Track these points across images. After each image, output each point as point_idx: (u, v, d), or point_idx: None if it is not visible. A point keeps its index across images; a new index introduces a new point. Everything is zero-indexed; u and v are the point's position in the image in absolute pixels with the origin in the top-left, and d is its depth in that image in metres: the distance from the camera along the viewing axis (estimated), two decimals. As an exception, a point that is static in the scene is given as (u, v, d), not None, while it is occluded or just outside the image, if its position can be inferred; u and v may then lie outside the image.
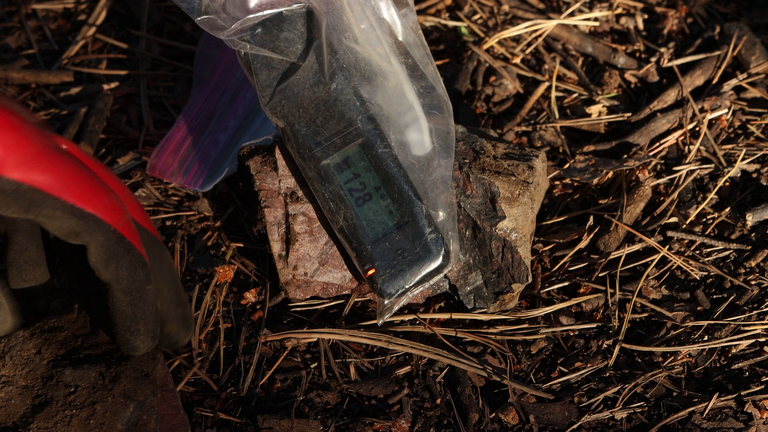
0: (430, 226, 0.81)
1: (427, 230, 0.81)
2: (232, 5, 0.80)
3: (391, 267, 0.81)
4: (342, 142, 0.82)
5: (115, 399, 0.73)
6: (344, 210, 0.82)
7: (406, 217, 0.82)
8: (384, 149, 0.82)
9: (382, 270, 0.81)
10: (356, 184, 0.82)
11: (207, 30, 0.80)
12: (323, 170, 0.82)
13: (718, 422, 0.77)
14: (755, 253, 0.87)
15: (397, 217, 0.82)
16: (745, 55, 0.99)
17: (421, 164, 0.82)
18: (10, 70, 1.05)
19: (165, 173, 0.94)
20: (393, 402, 0.80)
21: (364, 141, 0.82)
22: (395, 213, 0.82)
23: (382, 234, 0.82)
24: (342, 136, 0.82)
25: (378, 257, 0.81)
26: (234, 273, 0.89)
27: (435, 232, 0.81)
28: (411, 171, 0.82)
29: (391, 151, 0.82)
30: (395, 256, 0.81)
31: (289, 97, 0.82)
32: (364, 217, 0.82)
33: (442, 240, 0.81)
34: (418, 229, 0.81)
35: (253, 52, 0.81)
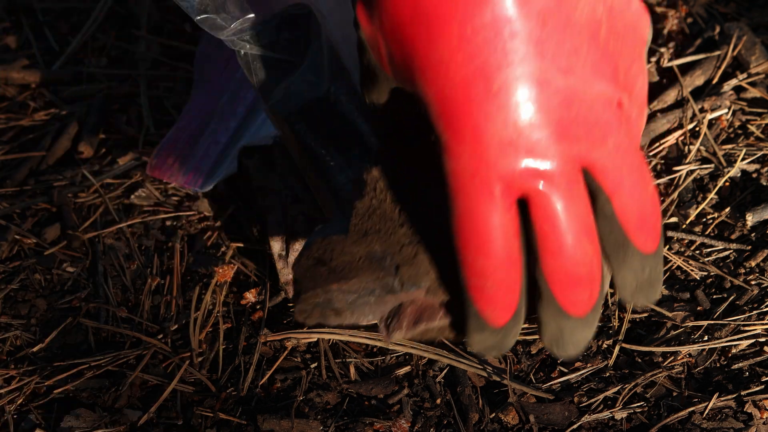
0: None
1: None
2: (232, 5, 0.80)
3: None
4: (343, 143, 0.82)
5: None
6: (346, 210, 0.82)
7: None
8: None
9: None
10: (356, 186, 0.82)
11: (206, 29, 0.80)
12: (324, 170, 0.82)
13: (718, 422, 0.77)
14: (755, 253, 0.86)
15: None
16: (745, 55, 0.99)
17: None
18: (10, 70, 1.05)
19: (165, 173, 0.94)
20: (393, 402, 0.80)
21: (365, 143, 0.82)
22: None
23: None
24: (344, 139, 0.82)
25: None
26: (234, 273, 0.89)
27: None
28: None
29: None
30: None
31: (289, 98, 0.82)
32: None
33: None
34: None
35: (252, 52, 0.81)
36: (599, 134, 0.63)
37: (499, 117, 0.61)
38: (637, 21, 0.65)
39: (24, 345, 0.86)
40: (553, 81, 0.61)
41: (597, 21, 0.62)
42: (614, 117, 0.63)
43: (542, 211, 0.63)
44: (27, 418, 0.81)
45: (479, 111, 0.61)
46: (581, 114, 0.62)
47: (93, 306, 0.88)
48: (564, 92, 0.61)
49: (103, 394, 0.82)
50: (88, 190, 0.96)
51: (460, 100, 0.61)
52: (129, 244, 0.92)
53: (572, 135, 0.62)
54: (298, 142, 0.82)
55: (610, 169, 0.64)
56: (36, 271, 0.90)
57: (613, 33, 0.63)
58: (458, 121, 0.62)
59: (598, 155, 0.63)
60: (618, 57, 0.64)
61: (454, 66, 0.61)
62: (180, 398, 0.82)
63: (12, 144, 1.01)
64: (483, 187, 0.63)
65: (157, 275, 0.90)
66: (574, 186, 0.63)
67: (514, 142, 0.62)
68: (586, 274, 0.65)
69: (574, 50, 0.61)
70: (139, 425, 0.80)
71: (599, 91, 0.63)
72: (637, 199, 0.65)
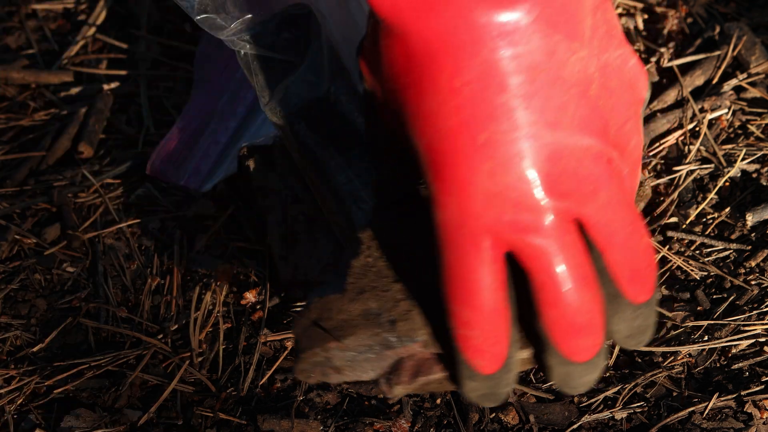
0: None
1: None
2: (231, 5, 0.80)
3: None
4: (343, 143, 0.82)
5: None
6: (346, 210, 0.82)
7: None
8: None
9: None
10: (358, 184, 0.82)
11: (206, 29, 0.80)
12: (324, 170, 0.82)
13: (718, 422, 0.77)
14: (755, 253, 0.86)
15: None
16: (745, 55, 0.99)
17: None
18: (10, 70, 1.05)
19: (165, 173, 0.94)
20: (393, 402, 0.80)
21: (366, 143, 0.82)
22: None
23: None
24: (344, 139, 0.82)
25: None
26: (234, 273, 0.89)
27: None
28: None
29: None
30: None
31: (289, 98, 0.82)
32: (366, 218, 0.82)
33: None
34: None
35: (252, 53, 0.81)
36: (589, 189, 0.63)
37: (484, 169, 0.61)
38: (634, 79, 0.65)
39: (24, 345, 0.86)
40: (540, 135, 0.61)
41: (588, 77, 0.62)
42: (605, 172, 0.63)
43: (535, 263, 0.64)
44: (27, 418, 0.81)
45: (465, 163, 0.62)
46: (569, 168, 0.62)
47: (93, 306, 0.88)
48: (551, 146, 0.61)
49: (103, 394, 0.82)
50: (88, 190, 0.96)
51: (447, 152, 0.62)
52: (129, 244, 0.92)
53: (560, 189, 0.62)
54: (298, 142, 0.82)
55: (601, 224, 0.64)
56: (36, 271, 0.90)
57: (606, 89, 0.63)
58: (445, 172, 0.62)
59: (588, 210, 0.63)
60: (609, 114, 0.64)
61: (443, 117, 0.61)
62: (180, 398, 0.82)
63: (12, 144, 1.01)
64: (470, 239, 0.63)
65: (157, 275, 0.90)
66: (566, 237, 0.63)
67: (501, 195, 0.62)
68: (587, 322, 0.65)
69: (562, 105, 0.62)
70: (139, 425, 0.80)
71: (587, 146, 0.63)
72: (630, 254, 0.66)
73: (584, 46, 0.62)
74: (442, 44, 0.61)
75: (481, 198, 0.62)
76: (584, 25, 0.62)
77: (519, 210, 0.62)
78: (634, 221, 0.65)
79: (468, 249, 0.64)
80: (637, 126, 0.66)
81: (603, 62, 0.63)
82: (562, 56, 0.61)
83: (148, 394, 0.82)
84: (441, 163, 0.62)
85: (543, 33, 0.61)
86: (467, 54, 0.61)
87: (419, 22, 0.61)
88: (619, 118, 0.64)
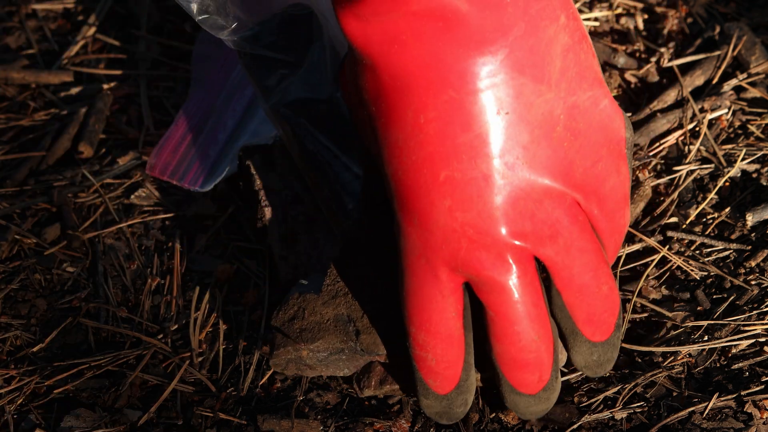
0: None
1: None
2: (232, 5, 0.80)
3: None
4: (346, 143, 0.82)
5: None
6: (348, 210, 0.82)
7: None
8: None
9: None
10: (359, 186, 0.82)
11: (207, 29, 0.80)
12: (326, 171, 0.82)
13: (718, 422, 0.77)
14: (755, 253, 0.86)
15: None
16: (745, 55, 0.99)
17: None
18: (10, 70, 1.05)
19: (165, 173, 0.94)
20: (393, 402, 0.80)
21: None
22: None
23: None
24: (345, 140, 0.82)
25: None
26: (234, 273, 0.89)
27: None
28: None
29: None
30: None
31: (290, 99, 0.81)
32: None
33: None
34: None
35: (253, 53, 0.81)
36: (547, 232, 0.64)
37: (444, 206, 0.62)
38: (606, 120, 0.65)
39: (24, 345, 0.86)
40: (500, 176, 0.62)
41: (554, 119, 0.63)
42: (565, 215, 0.64)
43: (489, 297, 0.65)
44: (27, 418, 0.81)
45: (426, 198, 0.63)
46: (527, 210, 0.63)
47: (93, 306, 0.88)
48: (510, 187, 0.62)
49: (103, 394, 0.82)
50: (88, 190, 0.96)
51: (410, 184, 0.63)
52: (129, 244, 0.92)
53: (518, 230, 0.63)
54: (299, 143, 0.82)
55: (560, 266, 0.65)
56: (36, 271, 0.90)
57: (571, 131, 0.64)
58: (408, 204, 0.64)
59: (547, 252, 0.64)
60: (575, 155, 0.64)
61: (407, 150, 0.63)
62: (180, 398, 0.82)
63: (12, 144, 1.01)
64: (429, 269, 0.65)
65: (157, 275, 0.90)
66: (520, 276, 0.64)
67: (458, 232, 0.63)
68: (533, 359, 0.67)
69: (525, 147, 0.62)
70: (139, 425, 0.80)
71: (547, 188, 0.63)
72: (588, 298, 0.67)
73: (551, 88, 0.62)
74: (410, 80, 0.62)
75: (440, 233, 0.63)
76: (552, 67, 0.62)
77: (476, 247, 0.63)
78: (596, 266, 0.66)
79: (427, 278, 0.65)
80: (616, 166, 0.66)
81: (570, 104, 0.63)
82: (527, 98, 0.62)
83: (148, 394, 0.82)
84: (404, 195, 0.63)
85: (509, 75, 0.61)
86: (433, 92, 0.61)
87: (389, 57, 0.61)
88: (587, 160, 0.64)
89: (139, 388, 0.83)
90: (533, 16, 0.61)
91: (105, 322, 0.87)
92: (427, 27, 0.60)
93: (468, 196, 0.62)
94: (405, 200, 0.64)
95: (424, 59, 0.61)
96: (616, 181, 0.66)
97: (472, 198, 0.62)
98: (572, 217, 0.64)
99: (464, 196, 0.62)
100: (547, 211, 0.63)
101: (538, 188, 0.63)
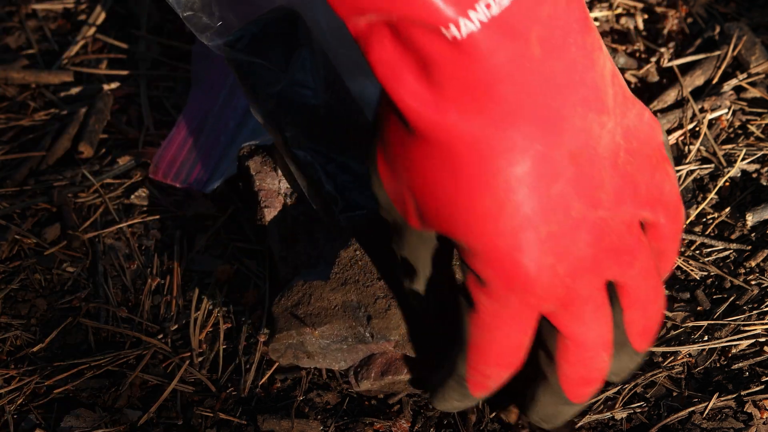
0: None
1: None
2: (217, 5, 0.80)
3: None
4: (338, 148, 0.82)
5: None
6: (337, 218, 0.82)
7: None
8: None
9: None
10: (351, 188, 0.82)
11: (192, 29, 0.80)
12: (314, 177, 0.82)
13: (718, 422, 0.77)
14: (755, 253, 0.86)
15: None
16: (745, 55, 0.99)
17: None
18: (10, 70, 1.05)
19: (168, 176, 0.94)
20: (393, 402, 0.80)
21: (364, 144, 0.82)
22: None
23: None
24: (338, 143, 0.82)
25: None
26: (234, 273, 0.89)
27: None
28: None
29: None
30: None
31: (280, 105, 0.81)
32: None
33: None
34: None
35: (237, 58, 0.80)
36: (627, 259, 0.65)
37: (546, 263, 0.63)
38: (650, 133, 0.67)
39: (24, 345, 0.86)
40: (589, 218, 0.63)
41: (616, 146, 0.64)
42: (638, 240, 0.65)
43: (566, 326, 0.66)
44: (27, 418, 0.81)
45: (528, 257, 0.63)
46: (612, 243, 0.64)
47: (93, 306, 0.88)
48: (597, 225, 0.63)
49: (103, 394, 0.82)
50: (88, 190, 0.96)
51: (508, 249, 0.63)
52: (129, 244, 0.92)
53: (605, 265, 0.64)
54: (287, 148, 0.81)
55: (632, 289, 0.67)
56: (36, 271, 0.90)
57: (630, 153, 0.65)
58: (505, 265, 0.63)
59: (624, 278, 0.66)
60: (637, 174, 0.65)
61: (503, 218, 0.62)
62: (180, 398, 0.82)
63: (12, 144, 1.01)
64: (516, 316, 0.65)
65: (157, 275, 0.90)
66: (600, 305, 0.66)
67: (559, 285, 0.64)
68: (599, 378, 0.69)
69: (600, 182, 0.63)
70: (139, 425, 0.80)
71: (624, 217, 0.64)
72: (647, 315, 0.69)
73: (611, 117, 0.63)
74: (494, 144, 0.61)
75: (540, 290, 0.63)
76: (608, 96, 0.63)
77: (570, 293, 0.64)
78: (657, 286, 0.68)
79: (513, 325, 0.66)
80: (665, 170, 0.67)
81: (625, 127, 0.64)
82: (596, 133, 0.62)
83: (148, 394, 0.82)
84: (500, 259, 0.63)
85: (580, 116, 0.62)
86: (520, 150, 0.61)
87: (464, 124, 0.60)
88: (646, 174, 0.65)
89: (139, 388, 0.83)
90: (589, 50, 0.62)
91: (105, 322, 0.87)
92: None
93: (568, 247, 0.63)
94: (502, 263, 0.63)
95: (504, 120, 0.61)
96: (670, 184, 0.67)
97: (571, 249, 0.63)
98: (641, 239, 0.66)
99: (565, 248, 0.63)
100: (625, 239, 0.65)
101: (618, 219, 0.64)
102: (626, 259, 0.65)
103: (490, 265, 0.63)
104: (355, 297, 0.76)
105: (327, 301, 0.76)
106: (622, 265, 0.65)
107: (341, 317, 0.76)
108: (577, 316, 0.65)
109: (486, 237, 0.62)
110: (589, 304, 0.65)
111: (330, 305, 0.76)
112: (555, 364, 0.68)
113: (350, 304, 0.76)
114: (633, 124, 0.65)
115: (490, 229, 0.62)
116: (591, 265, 0.63)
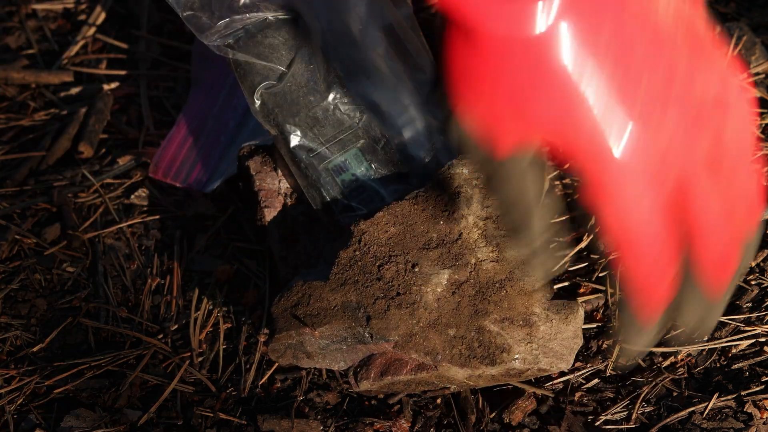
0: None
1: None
2: (217, 5, 0.80)
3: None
4: (338, 148, 0.82)
5: None
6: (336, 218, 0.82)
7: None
8: (383, 153, 0.82)
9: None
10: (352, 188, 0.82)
11: (191, 29, 0.80)
12: (313, 178, 0.82)
13: (718, 422, 0.77)
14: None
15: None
16: (745, 55, 0.99)
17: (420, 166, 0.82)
18: (10, 70, 1.05)
19: (168, 175, 0.94)
20: (393, 402, 0.80)
21: (363, 145, 0.82)
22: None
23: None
24: (338, 143, 0.82)
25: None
26: (234, 273, 0.89)
27: None
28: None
29: (390, 154, 0.82)
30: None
31: (280, 105, 0.81)
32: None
33: None
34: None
35: (236, 58, 0.80)
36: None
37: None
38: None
39: (24, 345, 0.86)
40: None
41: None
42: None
43: (695, 199, 0.68)
44: (27, 418, 0.81)
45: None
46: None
47: (93, 306, 0.88)
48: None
49: (103, 394, 0.82)
50: (88, 190, 0.96)
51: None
52: (129, 244, 0.92)
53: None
54: (288, 151, 0.81)
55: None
56: (36, 271, 0.90)
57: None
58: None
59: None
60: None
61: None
62: (180, 398, 0.82)
63: (12, 144, 1.01)
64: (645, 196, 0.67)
65: (157, 275, 0.90)
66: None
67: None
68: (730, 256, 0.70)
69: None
70: (139, 425, 0.80)
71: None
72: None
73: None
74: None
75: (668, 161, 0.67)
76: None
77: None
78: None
79: (644, 199, 0.67)
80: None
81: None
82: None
83: (148, 394, 0.82)
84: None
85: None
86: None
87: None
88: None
89: (139, 388, 0.83)
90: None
91: (105, 322, 0.87)
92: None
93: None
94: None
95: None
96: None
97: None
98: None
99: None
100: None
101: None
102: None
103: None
104: (354, 297, 0.76)
105: (326, 301, 0.76)
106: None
107: (340, 317, 0.76)
108: (702, 194, 0.67)
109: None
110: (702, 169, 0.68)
111: (329, 305, 0.76)
112: (692, 247, 0.69)
113: (349, 304, 0.76)
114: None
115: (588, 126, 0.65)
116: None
